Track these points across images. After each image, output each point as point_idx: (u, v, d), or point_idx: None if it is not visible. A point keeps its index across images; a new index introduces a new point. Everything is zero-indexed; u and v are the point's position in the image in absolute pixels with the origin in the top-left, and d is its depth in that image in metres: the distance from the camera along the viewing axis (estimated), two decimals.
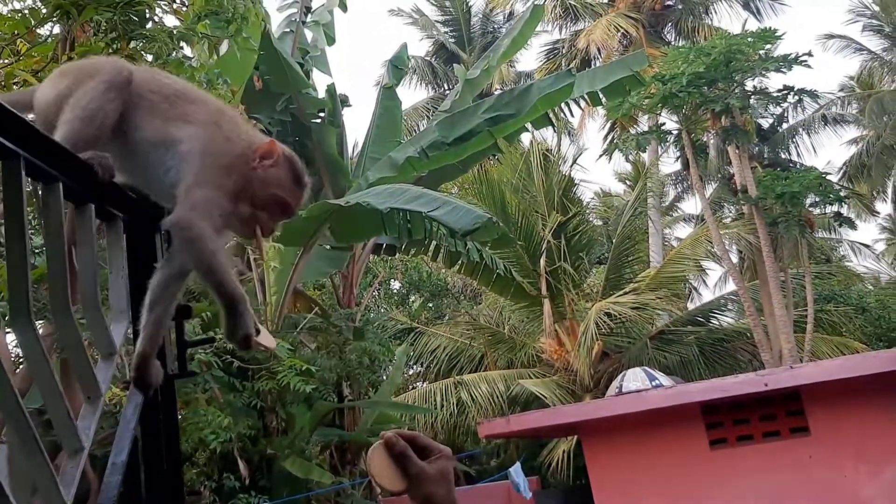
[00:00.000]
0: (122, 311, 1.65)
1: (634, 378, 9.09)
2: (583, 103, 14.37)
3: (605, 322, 16.42)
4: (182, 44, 5.90)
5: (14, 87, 4.75)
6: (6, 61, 5.07)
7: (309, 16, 14.01)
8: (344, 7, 14.01)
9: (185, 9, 5.79)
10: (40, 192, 1.51)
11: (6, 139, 1.34)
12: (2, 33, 5.02)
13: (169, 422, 1.79)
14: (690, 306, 23.05)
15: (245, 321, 1.66)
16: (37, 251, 4.31)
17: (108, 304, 1.67)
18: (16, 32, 5.04)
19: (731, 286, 21.60)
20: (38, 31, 5.18)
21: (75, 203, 1.59)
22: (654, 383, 8.85)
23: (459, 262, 14.09)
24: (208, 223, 1.64)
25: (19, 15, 5.18)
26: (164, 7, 5.46)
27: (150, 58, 5.36)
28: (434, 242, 12.95)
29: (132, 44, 5.28)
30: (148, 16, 5.44)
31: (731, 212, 22.54)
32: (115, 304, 1.66)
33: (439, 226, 10.88)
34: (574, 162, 22.87)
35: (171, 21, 5.86)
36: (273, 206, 1.84)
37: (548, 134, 23.55)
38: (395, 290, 22.81)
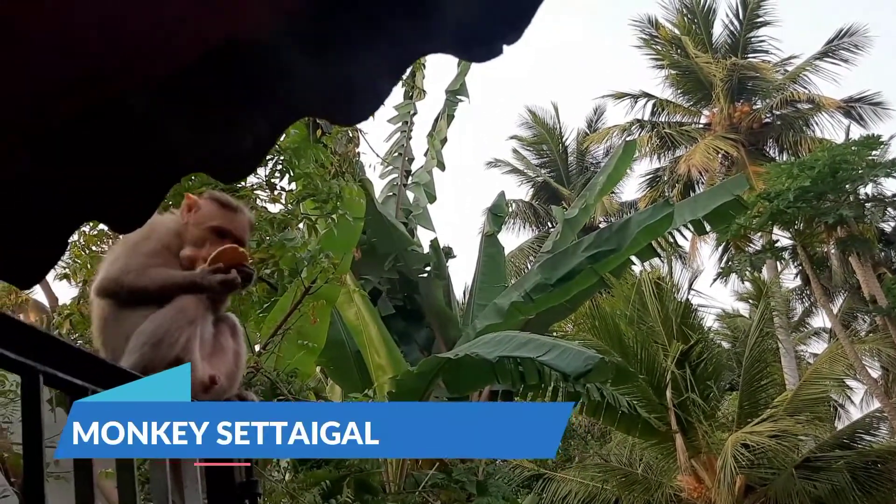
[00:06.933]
0: None
1: None
2: (687, 232, 14.23)
3: (743, 454, 15.41)
4: (285, 227, 6.31)
5: None
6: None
7: (410, 178, 14.70)
8: (442, 167, 14.62)
9: (283, 195, 6.24)
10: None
11: (22, 355, 1.37)
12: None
13: None
14: (839, 427, 21.40)
15: (209, 283, 2.16)
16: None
17: None
18: None
19: (877, 402, 20.02)
20: None
21: None
22: None
23: (580, 402, 13.74)
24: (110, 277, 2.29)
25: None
26: (263, 197, 5.89)
27: (253, 244, 5.76)
28: (552, 385, 12.74)
29: None
30: (250, 205, 5.88)
31: (865, 322, 21.21)
32: None
33: (552, 369, 10.77)
34: (690, 287, 22.32)
35: (271, 207, 6.30)
36: (212, 237, 2.28)
37: (659, 262, 23.22)
38: None
